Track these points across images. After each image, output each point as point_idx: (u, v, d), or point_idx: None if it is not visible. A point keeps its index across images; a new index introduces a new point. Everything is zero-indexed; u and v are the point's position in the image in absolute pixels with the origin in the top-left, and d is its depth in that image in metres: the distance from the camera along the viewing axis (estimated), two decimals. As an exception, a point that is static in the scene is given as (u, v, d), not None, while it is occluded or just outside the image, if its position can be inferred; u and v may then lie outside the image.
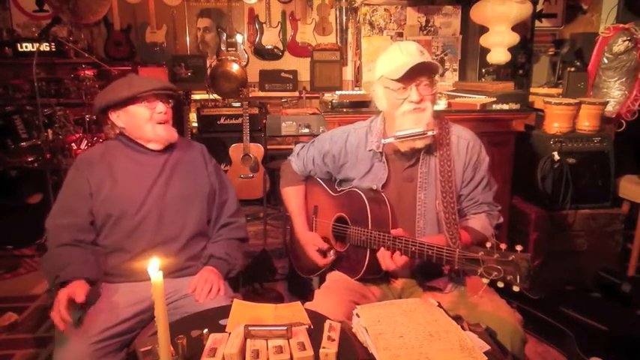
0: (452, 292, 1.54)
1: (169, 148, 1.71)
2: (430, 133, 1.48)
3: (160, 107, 1.64)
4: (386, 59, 1.52)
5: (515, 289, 1.15)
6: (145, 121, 1.63)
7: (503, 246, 1.18)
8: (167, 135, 1.67)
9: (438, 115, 1.61)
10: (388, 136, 1.57)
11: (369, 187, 1.60)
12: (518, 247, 1.16)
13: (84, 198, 1.59)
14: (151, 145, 1.67)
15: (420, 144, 1.50)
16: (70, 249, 1.54)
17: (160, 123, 1.65)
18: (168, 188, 1.66)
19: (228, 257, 1.70)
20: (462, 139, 1.58)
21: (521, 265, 1.14)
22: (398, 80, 1.45)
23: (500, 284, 1.18)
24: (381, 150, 1.58)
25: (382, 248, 1.44)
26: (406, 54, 1.47)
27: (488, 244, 1.21)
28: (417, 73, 1.44)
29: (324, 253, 1.71)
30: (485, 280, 1.19)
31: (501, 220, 1.63)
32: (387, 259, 1.43)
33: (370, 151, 1.61)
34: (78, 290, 1.42)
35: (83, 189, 1.60)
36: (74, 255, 1.53)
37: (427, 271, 1.58)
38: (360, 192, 1.57)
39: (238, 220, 1.81)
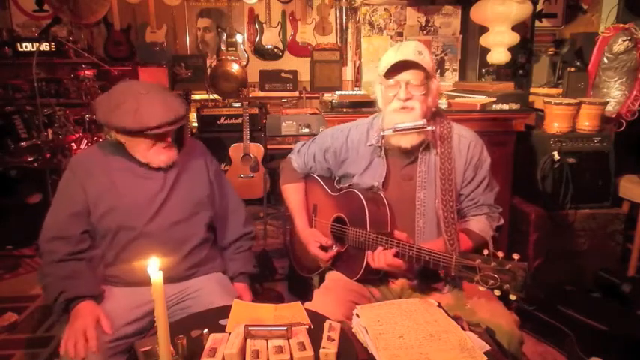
0: (449, 293, 1.54)
1: None
2: (429, 128, 1.48)
3: (166, 142, 1.55)
4: (384, 57, 1.53)
5: (512, 297, 1.16)
6: (147, 149, 1.54)
7: (500, 254, 1.18)
8: (167, 160, 1.58)
9: (439, 113, 1.61)
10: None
11: (369, 186, 1.59)
12: (515, 256, 1.16)
13: (78, 210, 1.53)
14: (150, 164, 1.59)
15: (416, 139, 1.50)
16: (67, 263, 1.50)
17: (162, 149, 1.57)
18: (172, 200, 1.61)
19: (254, 269, 1.77)
20: (464, 138, 1.58)
21: (518, 274, 1.14)
22: (386, 76, 1.49)
23: (497, 292, 1.18)
24: (380, 144, 1.58)
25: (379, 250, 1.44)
26: (399, 53, 1.47)
27: (486, 252, 1.20)
28: (403, 70, 1.46)
29: (325, 249, 1.70)
30: (481, 288, 1.20)
31: (502, 222, 1.61)
32: (376, 257, 1.43)
33: (370, 146, 1.61)
34: (103, 319, 1.42)
35: (78, 199, 1.54)
36: (74, 269, 1.50)
37: (427, 275, 1.57)
38: (358, 193, 1.57)
39: (251, 229, 1.83)
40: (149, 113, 1.46)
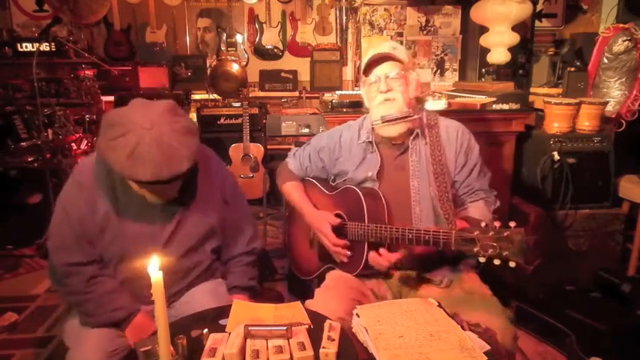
0: (447, 288, 1.56)
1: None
2: (415, 116, 1.57)
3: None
4: (364, 59, 1.64)
5: (512, 264, 1.20)
6: (138, 187, 1.38)
7: (497, 224, 1.23)
8: (160, 200, 1.44)
9: (424, 110, 1.69)
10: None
11: (363, 177, 1.64)
12: (512, 224, 1.21)
13: (89, 233, 1.45)
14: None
15: (404, 127, 1.57)
16: (104, 279, 1.47)
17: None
18: (180, 232, 1.51)
19: (251, 282, 1.72)
20: (451, 127, 1.65)
21: (516, 239, 1.19)
22: (366, 74, 1.61)
23: (497, 261, 1.22)
24: (370, 139, 1.66)
25: (372, 253, 1.51)
26: (375, 50, 1.61)
27: (483, 224, 1.25)
28: (380, 64, 1.58)
29: (336, 232, 1.65)
30: (482, 259, 1.24)
31: (498, 204, 1.67)
32: (379, 259, 1.49)
33: (362, 143, 1.68)
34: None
35: (88, 222, 1.44)
36: (113, 284, 1.48)
37: (427, 265, 1.61)
38: (355, 188, 1.62)
39: (255, 245, 1.74)
40: (143, 163, 1.25)
